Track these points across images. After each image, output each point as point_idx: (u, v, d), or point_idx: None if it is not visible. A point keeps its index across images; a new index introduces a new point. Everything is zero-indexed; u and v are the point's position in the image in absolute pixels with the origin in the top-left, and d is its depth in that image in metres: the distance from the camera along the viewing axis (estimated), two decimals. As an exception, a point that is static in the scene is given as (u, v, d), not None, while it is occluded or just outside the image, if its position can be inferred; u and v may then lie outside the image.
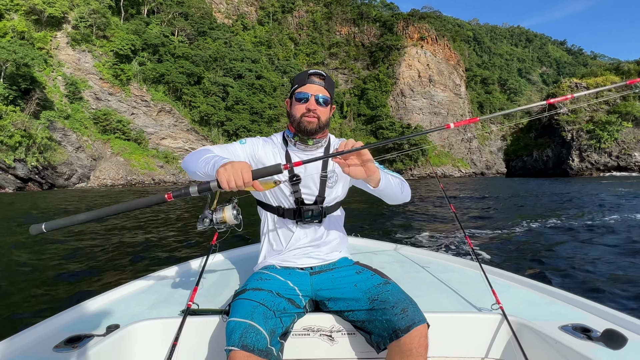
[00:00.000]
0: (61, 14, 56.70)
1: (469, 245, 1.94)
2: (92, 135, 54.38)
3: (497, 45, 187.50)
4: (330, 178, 1.58)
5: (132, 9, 70.73)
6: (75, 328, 1.42)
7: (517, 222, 9.23)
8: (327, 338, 1.42)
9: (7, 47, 43.86)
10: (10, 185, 39.15)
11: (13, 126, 40.29)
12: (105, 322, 1.46)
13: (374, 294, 1.34)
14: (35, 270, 5.50)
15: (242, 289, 1.39)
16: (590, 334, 1.28)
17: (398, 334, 1.20)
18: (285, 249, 1.57)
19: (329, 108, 1.56)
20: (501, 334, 1.39)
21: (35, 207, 17.04)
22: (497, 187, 31.92)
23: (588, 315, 1.46)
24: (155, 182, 54.58)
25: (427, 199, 18.02)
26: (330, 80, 1.56)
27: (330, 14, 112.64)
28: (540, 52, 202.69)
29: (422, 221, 9.30)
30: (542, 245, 6.31)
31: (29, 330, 1.38)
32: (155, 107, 62.48)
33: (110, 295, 1.74)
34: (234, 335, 1.17)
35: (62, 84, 54.93)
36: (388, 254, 2.46)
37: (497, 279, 1.87)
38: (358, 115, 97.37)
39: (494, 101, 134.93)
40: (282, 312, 1.33)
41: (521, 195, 19.80)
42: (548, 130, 68.54)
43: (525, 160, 72.29)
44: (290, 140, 1.59)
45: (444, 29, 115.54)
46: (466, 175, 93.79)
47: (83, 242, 7.47)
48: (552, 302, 1.61)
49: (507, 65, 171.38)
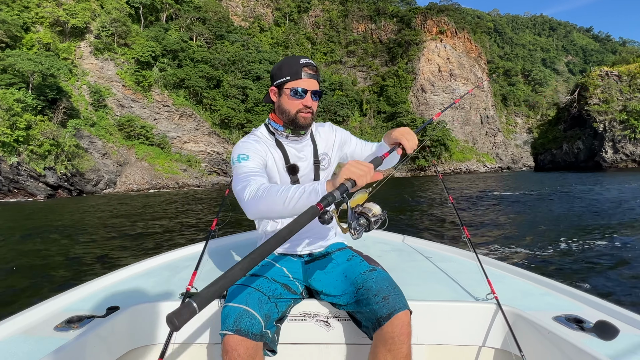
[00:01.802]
0: (84, 24, 58.04)
1: (466, 236, 1.88)
2: (117, 141, 55.44)
3: (520, 36, 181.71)
4: (322, 161, 1.60)
5: (151, 16, 71.88)
6: (76, 308, 1.47)
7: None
8: (324, 324, 1.45)
9: (34, 59, 45.09)
10: (41, 192, 40.21)
11: (42, 135, 41.38)
12: (106, 303, 1.49)
13: (360, 282, 1.36)
14: (41, 250, 5.38)
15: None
16: (582, 324, 1.30)
17: (380, 322, 1.21)
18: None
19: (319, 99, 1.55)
20: (496, 324, 1.41)
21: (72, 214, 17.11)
22: (532, 183, 30.48)
23: (581, 306, 1.48)
24: (179, 185, 55.17)
25: (435, 197, 17.27)
26: (316, 68, 1.52)
27: (347, 11, 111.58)
28: (565, 40, 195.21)
29: (424, 216, 8.79)
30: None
31: (31, 309, 1.42)
32: (176, 112, 63.24)
33: (110, 278, 1.77)
34: (228, 319, 1.20)
35: (87, 92, 56.24)
36: (386, 243, 2.44)
37: (492, 269, 1.86)
38: (378, 112, 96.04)
39: (518, 93, 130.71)
40: (277, 298, 1.36)
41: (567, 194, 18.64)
42: (578, 121, 65.58)
43: (554, 153, 69.50)
44: (282, 133, 1.56)
45: (464, 22, 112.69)
46: (492, 170, 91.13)
47: (86, 225, 7.32)
48: (546, 292, 1.62)
49: (531, 56, 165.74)
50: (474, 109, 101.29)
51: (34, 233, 11.02)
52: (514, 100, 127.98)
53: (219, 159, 64.48)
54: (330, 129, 1.73)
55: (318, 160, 1.61)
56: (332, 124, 1.75)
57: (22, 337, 1.25)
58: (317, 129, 1.69)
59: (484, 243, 6.38)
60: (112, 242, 8.51)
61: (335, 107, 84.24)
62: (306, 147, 1.62)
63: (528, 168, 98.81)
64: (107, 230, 10.82)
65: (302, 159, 1.57)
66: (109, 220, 14.27)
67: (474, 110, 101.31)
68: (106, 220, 14.37)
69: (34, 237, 10.05)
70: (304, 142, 1.61)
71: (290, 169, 1.53)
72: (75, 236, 10.21)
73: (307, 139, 1.62)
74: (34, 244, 8.66)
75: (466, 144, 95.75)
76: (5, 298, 4.86)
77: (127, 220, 13.94)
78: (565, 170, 61.26)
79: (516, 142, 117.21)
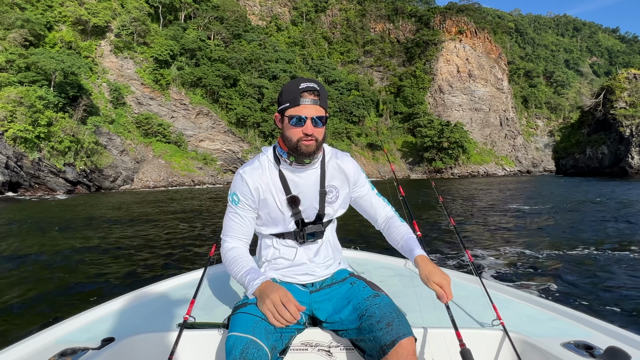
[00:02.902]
0: (104, 23, 59.00)
1: (469, 260, 1.86)
2: (135, 138, 56.17)
3: (542, 36, 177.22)
4: (329, 193, 1.53)
5: (170, 15, 72.64)
6: (70, 340, 1.43)
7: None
8: (326, 353, 1.42)
9: (56, 57, 45.98)
10: (61, 188, 40.95)
11: (63, 132, 42.13)
12: (101, 335, 1.46)
13: (362, 309, 1.34)
14: (29, 277, 5.36)
15: (243, 303, 1.37)
16: (593, 351, 1.27)
17: (385, 350, 1.19)
18: (285, 267, 1.56)
19: (325, 125, 1.45)
20: (503, 351, 1.38)
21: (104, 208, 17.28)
22: (561, 192, 29.44)
23: (590, 332, 1.45)
24: (195, 183, 55.57)
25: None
26: (324, 91, 1.43)
27: (364, 11, 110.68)
28: (589, 41, 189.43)
29: (426, 238, 8.29)
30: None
31: (23, 342, 1.38)
32: (193, 110, 63.72)
33: (105, 308, 1.73)
34: (234, 350, 1.16)
35: (107, 90, 57.16)
36: (388, 267, 2.38)
37: (497, 293, 1.85)
38: (395, 113, 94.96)
39: (539, 95, 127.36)
40: (282, 328, 1.32)
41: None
42: (603, 125, 63.32)
43: (577, 158, 67.33)
44: (285, 161, 1.49)
45: (484, 21, 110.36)
46: (511, 174, 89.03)
47: (81, 251, 7.32)
48: (554, 317, 1.59)
49: (553, 57, 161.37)
50: (493, 111, 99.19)
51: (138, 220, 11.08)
52: (535, 102, 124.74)
53: (235, 157, 64.71)
54: (349, 161, 1.59)
55: (324, 191, 1.51)
56: (351, 158, 1.62)
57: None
58: (332, 158, 1.57)
59: (491, 265, 5.92)
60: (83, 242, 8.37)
61: (351, 107, 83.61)
62: (312, 175, 1.51)
63: (549, 172, 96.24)
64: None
65: (304, 189, 1.49)
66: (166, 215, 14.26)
67: (493, 111, 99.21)
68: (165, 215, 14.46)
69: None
70: (309, 170, 1.50)
71: (290, 201, 1.47)
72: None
73: (314, 167, 1.51)
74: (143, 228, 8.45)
75: (484, 146, 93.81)
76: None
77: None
78: (589, 175, 59.29)
79: (537, 145, 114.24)
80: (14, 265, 6.86)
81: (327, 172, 1.54)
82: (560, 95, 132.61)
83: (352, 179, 1.59)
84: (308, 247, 1.55)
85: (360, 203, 1.65)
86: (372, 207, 1.64)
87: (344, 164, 1.57)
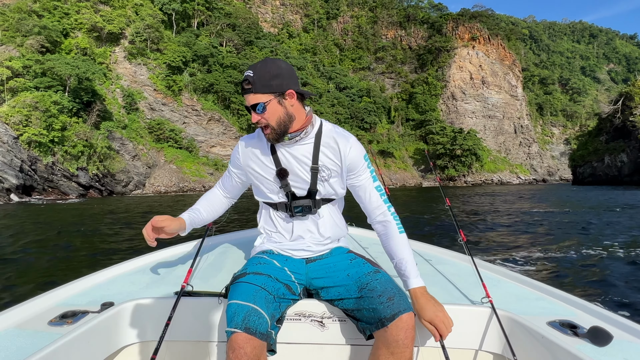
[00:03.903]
0: (119, 30, 60.02)
1: (462, 239, 1.88)
2: (147, 144, 56.61)
3: (557, 43, 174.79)
4: (322, 171, 1.51)
5: (183, 22, 73.65)
6: (70, 303, 1.48)
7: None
8: (318, 324, 1.45)
9: (72, 63, 46.73)
10: (73, 192, 41.28)
11: (76, 136, 42.62)
12: (100, 299, 1.50)
13: (363, 283, 1.37)
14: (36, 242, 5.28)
15: (242, 272, 1.41)
16: (576, 330, 1.31)
17: (384, 322, 1.23)
18: (281, 240, 1.59)
19: (275, 106, 1.40)
20: (491, 328, 1.42)
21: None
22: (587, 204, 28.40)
23: (575, 312, 1.49)
24: (205, 188, 55.55)
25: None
26: (262, 72, 1.38)
27: (376, 17, 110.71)
28: (606, 48, 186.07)
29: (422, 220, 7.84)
30: None
31: (25, 303, 1.42)
32: (205, 116, 64.08)
33: (105, 273, 1.78)
34: (236, 317, 1.20)
35: (120, 95, 57.90)
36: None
37: (488, 272, 1.87)
38: (406, 120, 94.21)
39: (554, 102, 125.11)
40: (281, 298, 1.37)
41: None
42: (622, 132, 61.59)
43: (595, 166, 65.51)
44: None
45: (497, 28, 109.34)
46: (526, 182, 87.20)
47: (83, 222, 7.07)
48: (541, 297, 1.63)
49: (569, 64, 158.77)
50: (507, 118, 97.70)
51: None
52: (550, 110, 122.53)
53: (245, 163, 64.75)
54: (347, 144, 1.52)
55: (317, 167, 1.49)
56: (356, 140, 1.57)
57: (15, 331, 1.26)
58: (330, 136, 1.52)
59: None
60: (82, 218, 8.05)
61: (363, 113, 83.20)
62: (302, 150, 1.51)
63: (565, 181, 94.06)
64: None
65: (293, 163, 1.50)
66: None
67: (507, 119, 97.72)
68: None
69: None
70: (298, 146, 1.50)
71: (279, 173, 1.51)
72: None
73: (305, 143, 1.50)
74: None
75: (498, 154, 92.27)
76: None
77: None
78: (607, 184, 57.54)
79: (552, 154, 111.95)
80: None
81: (321, 148, 1.50)
82: (576, 103, 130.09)
83: (346, 163, 1.52)
84: (305, 222, 1.55)
85: (355, 191, 1.59)
86: (367, 200, 1.56)
87: (342, 146, 1.51)
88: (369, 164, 1.58)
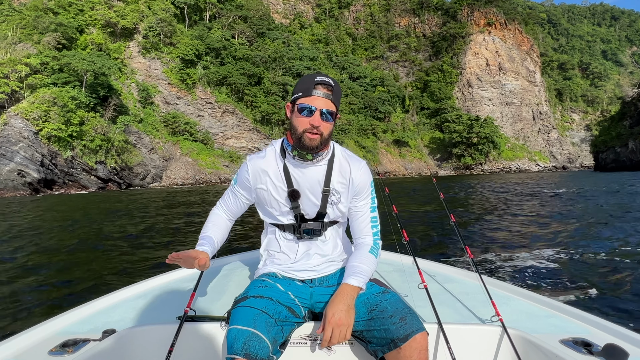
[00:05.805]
0: (132, 25, 60.51)
1: (469, 256, 1.84)
2: (163, 137, 57.20)
3: (576, 26, 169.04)
4: (333, 194, 1.50)
5: (195, 15, 73.78)
6: (71, 331, 1.45)
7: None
8: (325, 347, 1.39)
9: (87, 59, 47.37)
10: (93, 185, 42.07)
11: (94, 131, 43.33)
12: (102, 326, 1.48)
13: (372, 304, 1.35)
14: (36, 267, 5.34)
15: (243, 296, 1.38)
16: (591, 348, 1.28)
17: (397, 343, 1.21)
18: (285, 261, 1.55)
19: (334, 122, 1.45)
20: (501, 347, 1.39)
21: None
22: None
23: (589, 329, 1.45)
24: (221, 180, 56.03)
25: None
26: (338, 88, 1.44)
27: (389, 5, 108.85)
28: (629, 30, 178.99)
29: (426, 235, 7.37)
30: None
31: (25, 332, 1.39)
32: (219, 109, 64.32)
33: (106, 300, 1.76)
34: (236, 343, 1.16)
35: (135, 90, 58.53)
36: (387, 263, 2.37)
37: (496, 290, 1.85)
38: (421, 109, 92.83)
39: (574, 87, 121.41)
40: (283, 321, 1.32)
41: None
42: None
43: (618, 151, 63.46)
44: (289, 154, 1.49)
45: (514, 12, 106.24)
46: (545, 170, 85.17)
47: (79, 248, 7.11)
48: (552, 314, 1.60)
49: (589, 48, 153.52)
50: (525, 105, 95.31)
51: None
52: (570, 95, 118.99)
53: (259, 155, 64.90)
54: (359, 168, 1.53)
55: (328, 190, 1.48)
56: (367, 165, 1.58)
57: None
58: (342, 160, 1.52)
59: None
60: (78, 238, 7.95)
61: (377, 103, 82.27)
62: (316, 172, 1.49)
63: (586, 168, 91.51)
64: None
65: (306, 185, 1.48)
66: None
67: (525, 105, 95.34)
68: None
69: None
70: (313, 167, 1.48)
71: (291, 194, 1.48)
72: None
73: (319, 164, 1.48)
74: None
75: (516, 142, 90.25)
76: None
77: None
78: (632, 169, 55.67)
79: (572, 140, 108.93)
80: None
81: (334, 172, 1.50)
82: (597, 88, 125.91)
83: (355, 188, 1.53)
84: (309, 244, 1.53)
85: (351, 212, 1.56)
86: (357, 226, 1.56)
87: (354, 171, 1.52)
88: (373, 191, 1.56)
